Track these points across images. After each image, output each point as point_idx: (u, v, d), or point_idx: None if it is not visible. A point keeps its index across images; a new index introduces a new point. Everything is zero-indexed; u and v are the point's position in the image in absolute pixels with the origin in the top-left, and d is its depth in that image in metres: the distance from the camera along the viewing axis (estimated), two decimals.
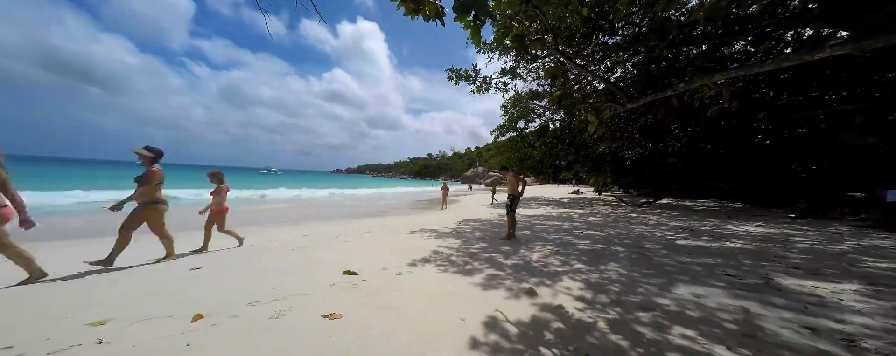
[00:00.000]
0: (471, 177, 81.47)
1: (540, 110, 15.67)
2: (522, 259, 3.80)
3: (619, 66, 8.99)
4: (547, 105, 13.90)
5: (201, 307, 2.24)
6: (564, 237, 5.46)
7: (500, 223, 7.35)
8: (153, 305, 2.32)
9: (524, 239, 5.24)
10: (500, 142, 19.85)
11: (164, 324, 2.00)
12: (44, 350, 1.67)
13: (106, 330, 1.91)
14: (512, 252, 4.18)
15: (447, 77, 10.34)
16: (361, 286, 2.76)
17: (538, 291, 2.63)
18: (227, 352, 1.67)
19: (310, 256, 3.90)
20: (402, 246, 4.60)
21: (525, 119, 16.42)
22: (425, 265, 3.49)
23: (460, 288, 2.74)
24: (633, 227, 6.73)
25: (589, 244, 4.79)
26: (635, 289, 2.72)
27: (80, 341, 1.77)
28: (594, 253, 4.17)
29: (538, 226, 6.81)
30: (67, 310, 2.22)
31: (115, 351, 1.67)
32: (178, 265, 3.56)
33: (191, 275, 3.13)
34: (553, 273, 3.20)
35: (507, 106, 16.23)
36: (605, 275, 3.12)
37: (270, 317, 2.11)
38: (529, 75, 12.27)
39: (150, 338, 1.80)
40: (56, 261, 3.43)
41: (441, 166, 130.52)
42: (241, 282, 2.86)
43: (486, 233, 5.76)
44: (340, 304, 2.33)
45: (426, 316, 2.16)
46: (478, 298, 2.49)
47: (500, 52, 10.24)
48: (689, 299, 2.49)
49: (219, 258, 3.89)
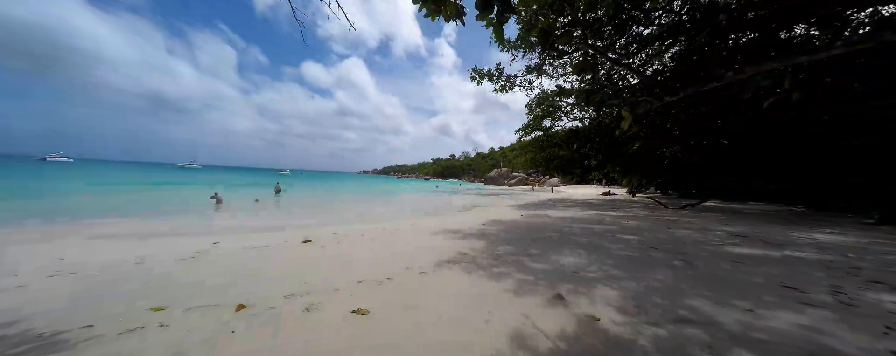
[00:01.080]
0: (495, 177, 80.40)
1: (567, 108, 15.07)
2: (552, 263, 3.65)
3: (655, 58, 8.38)
4: (575, 102, 13.33)
5: (243, 298, 2.41)
6: (597, 241, 5.17)
7: (526, 225, 7.16)
8: (202, 294, 2.53)
9: (553, 242, 5.04)
10: (524, 141, 19.35)
11: (213, 312, 2.18)
12: (116, 330, 1.89)
13: (166, 315, 2.12)
14: (540, 255, 4.04)
15: (470, 77, 10.28)
16: (387, 284, 2.81)
17: (570, 299, 2.50)
18: (266, 340, 1.78)
19: (338, 254, 4.05)
20: (427, 246, 4.62)
21: (551, 117, 15.88)
22: (450, 266, 3.47)
23: (486, 290, 2.69)
24: (674, 232, 6.22)
25: (625, 249, 4.50)
26: (681, 301, 2.49)
27: (144, 324, 1.98)
28: (631, 259, 3.90)
29: (567, 229, 6.52)
30: (132, 296, 2.48)
31: (173, 334, 1.85)
32: (220, 258, 3.85)
33: (233, 268, 3.37)
34: (586, 279, 3.03)
35: (532, 104, 15.78)
36: (645, 284, 2.89)
37: (303, 309, 2.22)
38: (556, 72, 11.85)
39: (200, 325, 1.97)
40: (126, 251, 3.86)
41: (464, 167, 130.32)
42: (277, 276, 3.03)
43: (511, 236, 5.62)
44: (367, 301, 2.38)
45: (451, 317, 2.14)
46: (504, 302, 2.42)
47: (524, 50, 9.98)
48: (744, 316, 2.23)
49: (257, 253, 4.15)
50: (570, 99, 13.85)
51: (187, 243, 4.68)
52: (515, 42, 9.45)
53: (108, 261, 3.81)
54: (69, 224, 7.14)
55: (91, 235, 5.77)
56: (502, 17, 2.40)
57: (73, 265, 3.61)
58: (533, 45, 9.32)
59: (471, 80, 9.70)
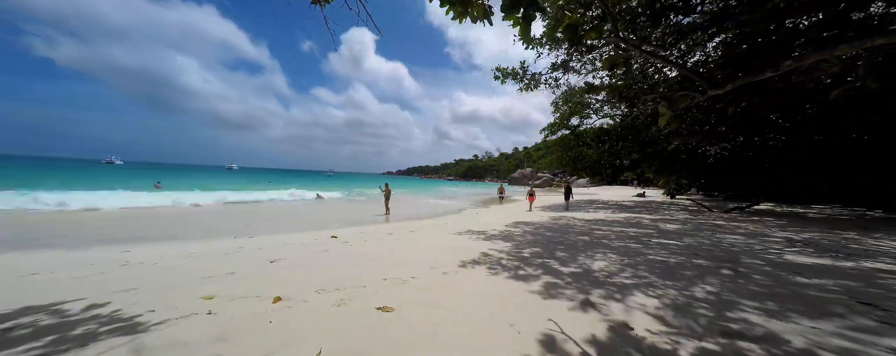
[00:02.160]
0: (519, 178, 78.68)
1: (596, 105, 14.39)
2: (581, 267, 3.49)
3: (697, 49, 7.73)
4: (605, 98, 12.69)
5: (280, 291, 2.57)
6: (631, 245, 4.87)
7: (553, 227, 6.92)
8: (245, 286, 2.74)
9: (582, 245, 4.82)
10: (550, 140, 18.74)
11: (253, 303, 2.35)
12: (173, 315, 2.11)
13: (214, 303, 2.33)
14: (569, 258, 3.88)
15: (494, 77, 10.16)
16: (411, 283, 2.86)
17: (601, 304, 2.37)
18: (299, 331, 1.89)
19: (365, 252, 4.18)
20: (450, 246, 4.63)
21: (579, 115, 15.24)
22: (474, 267, 3.45)
23: (510, 292, 2.63)
24: (721, 237, 5.68)
25: (664, 255, 4.19)
26: (731, 313, 2.27)
27: (196, 311, 2.19)
28: (671, 265, 3.62)
29: (598, 232, 6.21)
30: (188, 285, 2.75)
31: (219, 321, 2.03)
32: (259, 254, 4.14)
33: (272, 265, 3.61)
34: (619, 285, 2.86)
35: (559, 102, 15.25)
36: (687, 293, 2.67)
37: (333, 304, 2.32)
38: (584, 68, 11.36)
39: (242, 314, 2.14)
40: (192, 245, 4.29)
41: (487, 167, 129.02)
42: (309, 272, 3.20)
43: (538, 238, 5.46)
44: (392, 298, 2.43)
45: (474, 317, 2.12)
46: (530, 305, 2.35)
47: (550, 47, 9.68)
48: (810, 334, 1.98)
49: (292, 251, 4.42)
50: (599, 96, 13.20)
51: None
52: (540, 39, 9.20)
53: (173, 253, 4.25)
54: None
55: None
56: (529, 16, 2.35)
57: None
58: (559, 42, 9.01)
59: (494, 79, 9.59)
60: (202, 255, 4.25)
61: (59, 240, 5.75)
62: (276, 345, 1.73)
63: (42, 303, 2.37)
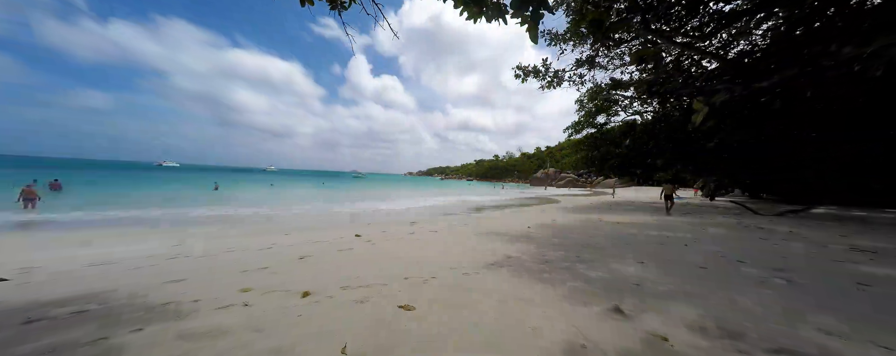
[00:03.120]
0: (541, 178, 76.64)
1: (625, 101, 13.70)
2: (610, 272, 3.32)
3: (741, 37, 7.12)
4: (634, 94, 12.05)
5: (308, 286, 2.70)
6: (666, 250, 4.56)
7: (578, 229, 6.66)
8: (277, 281, 2.90)
9: (610, 248, 4.59)
10: (574, 139, 18.09)
11: (284, 296, 2.48)
12: (213, 305, 2.28)
13: (249, 296, 2.49)
14: (597, 263, 3.71)
15: (514, 75, 10.00)
16: (431, 282, 2.87)
17: (632, 313, 2.23)
18: (325, 325, 1.96)
19: (387, 251, 4.27)
20: (472, 247, 4.60)
21: (606, 113, 14.59)
22: (496, 269, 3.39)
23: (533, 296, 2.56)
24: (771, 243, 5.17)
25: (703, 261, 3.88)
26: (786, 327, 2.04)
27: (234, 302, 2.35)
28: (712, 273, 3.35)
29: (629, 236, 5.89)
30: (227, 278, 2.96)
31: (254, 312, 2.16)
32: (290, 250, 4.36)
33: (301, 261, 3.79)
34: (653, 293, 2.69)
35: (584, 100, 14.71)
36: (733, 304, 2.45)
37: (356, 300, 2.39)
38: (611, 63, 10.88)
39: (274, 307, 2.26)
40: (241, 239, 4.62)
41: (508, 167, 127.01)
42: (335, 269, 3.32)
43: (564, 241, 5.28)
44: (413, 298, 2.46)
45: (495, 320, 2.08)
46: (553, 310, 2.27)
47: (574, 43, 9.36)
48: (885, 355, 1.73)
49: (320, 248, 4.60)
50: (627, 92, 12.56)
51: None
52: (564, 35, 8.92)
53: (213, 248, 4.60)
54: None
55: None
56: (537, 15, 2.29)
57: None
58: (584, 37, 8.69)
59: (515, 78, 9.44)
60: (241, 249, 4.56)
61: (126, 234, 6.41)
62: (304, 337, 1.80)
63: (108, 288, 2.65)
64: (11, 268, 3.50)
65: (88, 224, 8.35)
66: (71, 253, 4.70)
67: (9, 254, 4.58)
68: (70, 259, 4.15)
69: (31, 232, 7.29)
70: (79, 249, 5.04)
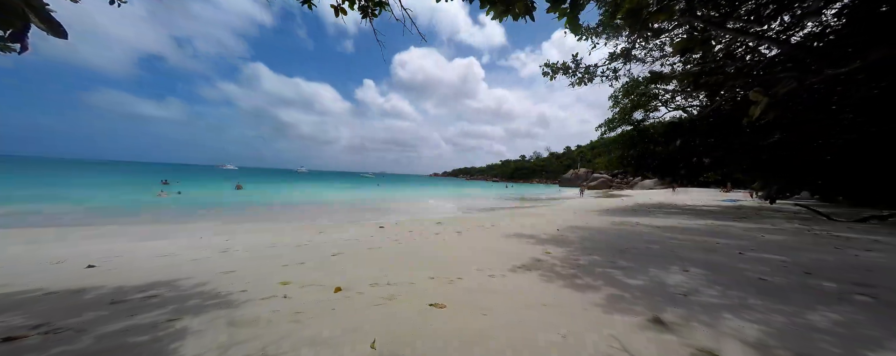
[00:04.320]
0: (571, 179, 73.39)
1: (666, 95, 12.68)
2: (650, 280, 3.08)
3: (809, 19, 6.27)
4: (678, 87, 11.10)
5: (340, 282, 2.84)
6: (718, 258, 4.14)
7: (614, 233, 6.27)
8: (313, 275, 3.08)
9: (652, 254, 4.27)
10: (608, 138, 17.05)
11: (318, 291, 2.63)
12: (258, 296, 2.48)
13: (288, 289, 2.67)
14: (636, 269, 3.46)
15: (542, 72, 9.71)
16: (457, 283, 2.87)
17: (676, 325, 2.05)
18: (356, 320, 2.04)
19: (413, 250, 4.35)
20: (498, 249, 4.53)
21: (644, 108, 13.61)
22: (523, 272, 3.31)
23: (563, 301, 2.45)
24: (850, 254, 4.47)
25: (764, 271, 3.46)
26: (869, 352, 1.76)
27: (275, 294, 2.54)
28: (775, 285, 2.97)
29: (673, 241, 5.43)
30: (270, 271, 3.20)
31: (292, 305, 2.31)
32: (324, 247, 4.61)
33: (334, 257, 3.99)
34: (701, 304, 2.45)
35: (618, 96, 13.84)
36: (801, 321, 2.15)
37: (384, 297, 2.47)
38: (649, 55, 10.13)
39: (309, 300, 2.41)
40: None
41: (535, 168, 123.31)
42: (365, 267, 3.45)
43: (598, 245, 5.00)
44: (439, 297, 2.47)
45: (522, 323, 2.03)
46: (587, 317, 2.15)
47: (607, 36, 8.86)
48: None
49: (351, 246, 4.81)
50: (669, 85, 11.61)
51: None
52: (596, 28, 8.48)
53: (262, 243, 5.00)
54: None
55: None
56: (577, 5, 2.20)
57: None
58: (618, 29, 8.19)
59: (542, 76, 9.16)
60: (281, 245, 4.92)
61: (189, 230, 7.21)
62: (337, 330, 1.90)
63: (168, 279, 3.00)
64: (98, 256, 4.09)
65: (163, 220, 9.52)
66: (143, 243, 5.39)
67: (96, 244, 5.36)
68: (143, 249, 4.76)
69: (111, 226, 8.46)
70: (148, 242, 5.75)
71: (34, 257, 4.19)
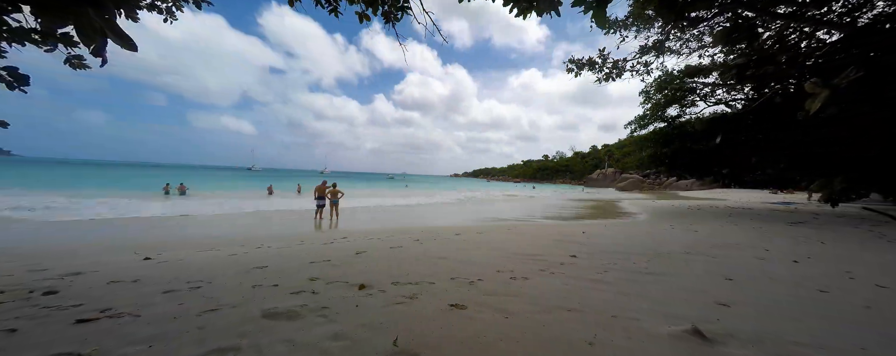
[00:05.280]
0: (598, 179, 70.19)
1: (705, 89, 11.78)
2: (688, 288, 2.88)
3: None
4: (718, 80, 10.26)
5: (363, 279, 2.93)
6: (767, 267, 3.77)
7: (645, 237, 5.92)
8: (338, 272, 3.21)
9: (688, 260, 3.98)
10: (638, 136, 16.10)
11: (343, 287, 2.74)
12: (288, 290, 2.63)
13: (316, 284, 2.81)
14: (668, 276, 3.25)
15: (566, 69, 9.39)
16: (478, 284, 2.85)
17: (722, 338, 1.89)
18: (379, 317, 2.10)
19: (434, 251, 4.38)
20: (520, 252, 4.44)
21: (679, 103, 12.72)
22: (546, 275, 3.22)
23: (590, 307, 2.35)
24: None
25: (823, 282, 3.10)
26: None
27: (304, 288, 2.68)
28: (841, 299, 2.65)
29: (712, 245, 5.03)
30: (299, 267, 3.38)
31: (319, 299, 2.42)
32: (348, 245, 4.78)
33: (357, 256, 4.13)
34: (748, 317, 2.24)
35: (650, 91, 13.05)
36: (878, 342, 1.91)
37: (406, 296, 2.51)
38: (685, 47, 9.46)
39: (335, 297, 2.50)
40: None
41: (559, 168, 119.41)
42: (387, 265, 3.53)
43: (626, 249, 4.76)
44: (459, 298, 2.48)
45: (546, 328, 1.97)
46: (614, 324, 2.05)
47: (637, 28, 8.39)
48: None
49: (373, 245, 4.95)
50: (708, 78, 10.76)
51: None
52: (625, 20, 8.06)
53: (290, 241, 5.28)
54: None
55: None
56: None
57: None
58: (650, 20, 7.72)
59: (567, 72, 8.86)
60: (309, 241, 5.18)
61: (220, 227, 7.80)
62: (361, 327, 1.96)
63: (214, 270, 3.26)
64: (151, 249, 4.54)
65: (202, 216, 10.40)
66: (190, 239, 5.91)
67: (152, 237, 5.96)
68: (189, 243, 5.22)
69: (169, 222, 9.36)
70: (194, 237, 6.29)
71: (105, 244, 4.75)
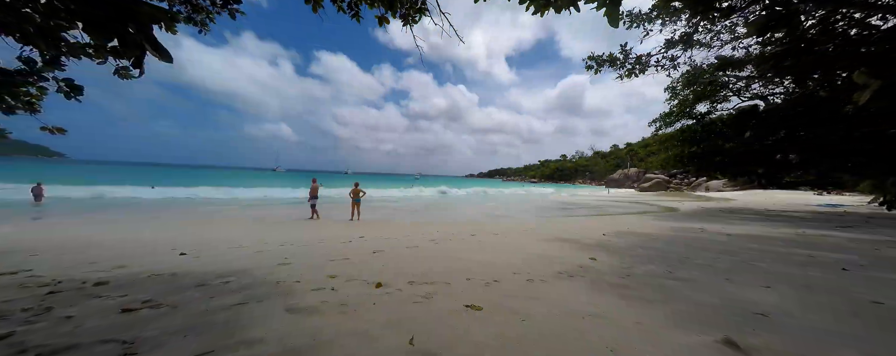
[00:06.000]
0: (619, 179, 67.52)
1: (738, 83, 11.05)
2: (721, 295, 2.71)
3: None
4: (754, 73, 9.59)
5: (380, 278, 2.99)
6: (812, 274, 3.48)
7: (673, 240, 5.63)
8: (356, 270, 3.29)
9: (722, 266, 3.74)
10: (664, 134, 15.33)
11: (361, 285, 2.81)
12: (309, 287, 2.72)
13: (335, 282, 2.89)
14: (699, 282, 3.07)
15: (585, 66, 9.13)
16: (494, 286, 2.83)
17: (755, 351, 1.76)
18: (395, 315, 2.14)
19: (450, 251, 4.39)
20: (537, 253, 4.36)
21: (710, 99, 12.01)
22: (565, 278, 3.13)
23: (612, 312, 2.26)
24: None
25: (879, 293, 2.82)
26: None
27: (324, 286, 2.76)
28: None
29: (749, 250, 4.70)
30: (319, 264, 3.49)
31: (339, 296, 2.50)
32: (366, 244, 4.88)
33: (375, 255, 4.21)
34: (791, 328, 2.07)
35: (677, 87, 12.40)
36: None
37: (422, 296, 2.53)
38: (716, 39, 8.93)
39: (354, 293, 2.58)
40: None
41: (578, 168, 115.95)
42: (403, 265, 3.58)
43: (653, 253, 4.54)
44: (475, 299, 2.46)
45: (565, 333, 1.92)
46: (640, 332, 1.96)
47: (663, 21, 8.00)
48: None
49: (390, 244, 5.03)
50: (742, 71, 10.09)
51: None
52: (649, 13, 7.71)
53: (312, 239, 5.49)
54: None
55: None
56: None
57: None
58: (677, 12, 7.35)
59: (586, 70, 8.60)
60: (329, 240, 5.34)
61: (244, 224, 8.20)
62: (378, 324, 2.00)
63: (240, 267, 3.44)
64: (183, 245, 4.85)
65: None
66: (221, 236, 6.26)
67: (187, 234, 6.36)
68: (220, 240, 5.53)
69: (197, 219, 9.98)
70: (227, 234, 6.66)
71: (150, 242, 5.13)
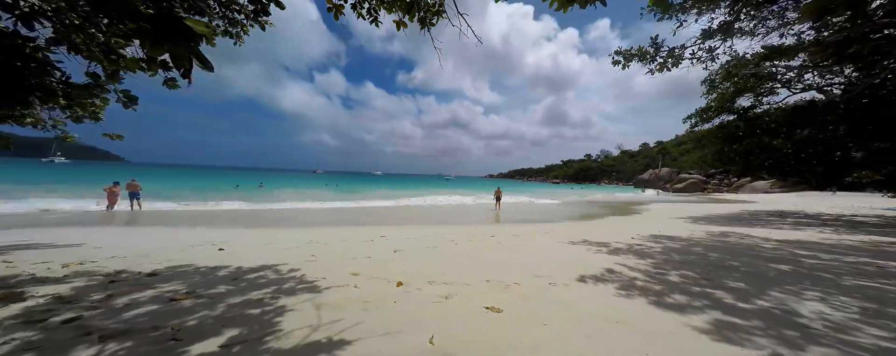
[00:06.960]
0: (649, 180, 63.63)
1: (788, 74, 10.04)
2: (767, 305, 2.47)
3: None
4: (807, 62, 8.68)
5: (401, 277, 3.04)
6: (874, 285, 3.08)
7: (715, 246, 5.21)
8: (378, 269, 3.38)
9: (776, 275, 3.41)
10: (701, 131, 14.23)
11: (383, 283, 2.88)
12: (334, 284, 2.83)
13: (358, 280, 2.98)
14: (750, 291, 2.82)
15: (612, 62, 8.71)
16: (513, 288, 2.78)
17: None
18: (415, 314, 2.17)
19: (470, 252, 4.36)
20: (559, 256, 4.22)
21: (754, 92, 11.00)
22: (591, 283, 3.00)
23: (643, 321, 2.13)
24: None
25: None
26: None
27: (347, 283, 2.86)
28: None
29: (808, 261, 4.25)
30: (343, 263, 3.61)
31: (362, 294, 2.57)
32: (387, 244, 4.98)
33: (396, 254, 4.28)
34: (850, 345, 1.85)
35: (715, 79, 11.49)
36: None
37: (442, 296, 2.55)
38: (761, 26, 8.16)
39: (375, 291, 2.65)
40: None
41: (603, 169, 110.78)
42: (423, 265, 3.61)
43: (691, 258, 4.24)
44: (494, 301, 2.44)
45: (589, 339, 1.85)
46: (675, 343, 1.83)
47: (699, 10, 7.44)
48: None
49: (410, 244, 5.09)
50: (794, 60, 9.15)
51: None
52: (683, 3, 7.20)
53: (336, 238, 5.70)
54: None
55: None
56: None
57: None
58: (714, 0, 6.81)
59: (613, 65, 8.20)
60: (352, 240, 5.50)
61: (283, 222, 8.67)
62: (399, 322, 2.04)
63: (271, 263, 3.64)
64: (221, 241, 5.21)
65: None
66: (251, 234, 6.66)
67: (215, 231, 6.84)
68: (253, 237, 5.89)
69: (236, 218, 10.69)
70: (260, 233, 7.08)
71: (183, 238, 5.57)
